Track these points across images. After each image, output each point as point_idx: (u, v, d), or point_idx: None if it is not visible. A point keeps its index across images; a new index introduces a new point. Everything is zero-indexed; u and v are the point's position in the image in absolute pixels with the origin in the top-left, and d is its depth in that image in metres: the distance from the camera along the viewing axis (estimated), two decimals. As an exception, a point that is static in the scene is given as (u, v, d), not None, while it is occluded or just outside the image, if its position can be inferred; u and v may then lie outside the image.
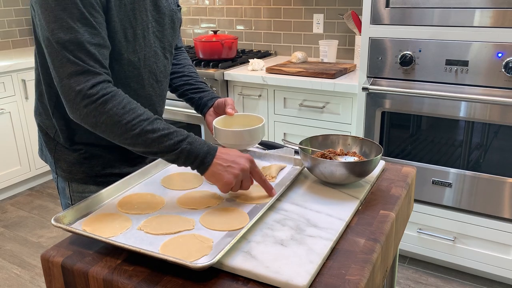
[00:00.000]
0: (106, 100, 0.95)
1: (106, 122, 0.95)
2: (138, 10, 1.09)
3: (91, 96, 0.94)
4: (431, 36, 1.91)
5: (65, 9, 0.94)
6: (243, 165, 0.98)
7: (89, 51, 0.96)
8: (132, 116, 0.95)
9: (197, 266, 0.75)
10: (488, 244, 2.07)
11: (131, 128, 0.95)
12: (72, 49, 0.94)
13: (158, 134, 0.95)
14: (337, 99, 2.28)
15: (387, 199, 1.05)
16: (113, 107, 0.95)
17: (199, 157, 0.97)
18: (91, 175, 1.18)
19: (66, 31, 0.94)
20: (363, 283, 0.76)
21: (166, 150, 0.96)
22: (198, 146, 0.97)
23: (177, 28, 1.26)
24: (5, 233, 2.78)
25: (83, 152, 1.16)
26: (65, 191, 1.21)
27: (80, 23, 0.95)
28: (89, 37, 0.97)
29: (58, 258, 0.84)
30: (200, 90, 1.33)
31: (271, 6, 3.03)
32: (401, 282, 2.19)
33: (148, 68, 1.16)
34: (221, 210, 0.97)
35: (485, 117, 1.91)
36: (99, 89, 0.95)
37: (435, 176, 2.08)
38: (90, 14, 0.97)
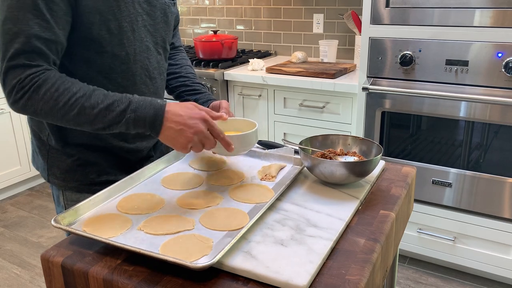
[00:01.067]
0: (38, 86, 0.92)
1: (44, 108, 0.92)
2: (123, 1, 1.04)
3: (24, 87, 0.91)
4: (431, 36, 1.91)
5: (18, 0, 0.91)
6: (196, 128, 0.93)
7: (35, 45, 0.92)
8: (67, 96, 0.92)
9: (197, 266, 0.75)
10: (488, 244, 2.07)
11: (70, 109, 0.92)
12: (18, 41, 0.91)
13: (98, 109, 0.92)
14: (337, 99, 2.28)
15: (387, 199, 1.05)
16: (46, 91, 0.91)
17: (147, 123, 0.93)
18: (85, 183, 1.14)
19: (15, 22, 0.91)
20: (363, 283, 0.76)
21: (111, 123, 0.93)
22: (144, 111, 0.93)
23: (170, 22, 1.21)
24: (5, 233, 2.78)
25: (77, 158, 1.13)
26: (59, 199, 1.18)
27: (31, 15, 0.91)
28: (39, 30, 0.92)
29: (58, 258, 0.84)
30: (196, 92, 1.30)
31: (271, 6, 3.03)
32: (401, 282, 2.19)
33: (139, 63, 1.12)
34: (221, 210, 0.97)
35: (485, 117, 1.91)
36: (31, 77, 0.92)
37: (435, 176, 2.08)
38: (46, 7, 0.92)
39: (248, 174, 1.15)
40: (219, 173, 1.16)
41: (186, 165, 1.22)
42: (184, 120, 0.93)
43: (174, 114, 0.94)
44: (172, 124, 0.93)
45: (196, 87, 1.31)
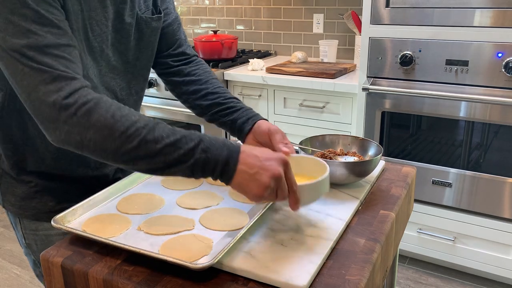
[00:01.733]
0: (89, 109, 0.75)
1: (95, 138, 0.75)
2: (95, 19, 0.91)
3: (69, 107, 0.74)
4: (431, 36, 1.91)
5: (13, 12, 0.75)
6: (273, 170, 0.76)
7: (55, 54, 0.77)
8: (126, 125, 0.75)
9: (197, 266, 0.75)
10: (488, 244, 2.07)
11: (127, 140, 0.74)
12: (32, 55, 0.75)
13: (163, 144, 0.75)
14: (337, 99, 2.28)
15: (387, 199, 1.05)
16: (100, 117, 0.74)
17: (219, 166, 0.76)
18: (44, 211, 1.04)
19: (21, 36, 0.75)
20: (363, 283, 0.76)
21: (175, 162, 0.75)
22: (216, 151, 0.76)
23: (149, 39, 1.06)
24: (5, 233, 2.77)
25: (34, 185, 1.01)
26: (17, 227, 1.08)
27: (37, 24, 0.77)
28: (53, 38, 0.78)
29: (58, 258, 0.84)
30: (233, 110, 1.09)
31: (271, 6, 3.03)
32: (401, 282, 2.19)
33: (105, 85, 1.00)
34: (221, 210, 0.97)
35: (485, 117, 1.91)
36: (77, 97, 0.75)
37: (435, 176, 2.08)
38: (48, 12, 0.78)
39: (248, 174, 1.15)
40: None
41: (186, 165, 1.22)
42: (260, 162, 0.77)
43: (249, 155, 0.78)
44: (245, 167, 0.77)
45: (230, 104, 1.10)
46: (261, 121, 1.05)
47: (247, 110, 1.09)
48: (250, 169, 0.77)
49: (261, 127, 1.03)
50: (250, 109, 1.10)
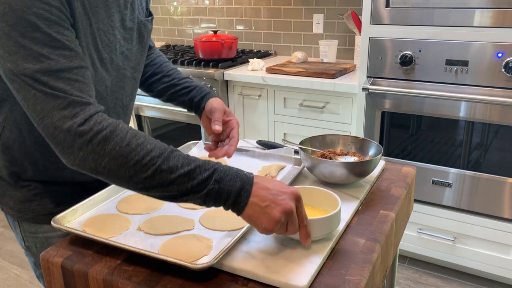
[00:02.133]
0: (105, 137, 0.74)
1: (109, 166, 0.74)
2: (103, 30, 0.91)
3: (84, 135, 0.74)
4: (431, 36, 1.91)
5: (24, 35, 0.74)
6: (285, 205, 0.76)
7: (69, 78, 0.77)
8: (141, 154, 0.74)
9: (197, 266, 0.75)
10: (488, 244, 2.07)
11: (141, 170, 0.74)
12: (45, 80, 0.75)
13: (177, 174, 0.74)
14: (337, 99, 2.28)
15: (387, 199, 1.05)
16: (115, 145, 0.74)
17: (231, 198, 0.76)
18: (43, 213, 1.03)
19: (33, 60, 0.74)
20: (363, 283, 0.76)
21: (188, 192, 0.75)
22: (229, 183, 0.76)
23: (146, 43, 1.08)
24: (5, 233, 2.77)
25: (33, 188, 1.01)
26: (16, 230, 1.07)
27: (49, 47, 0.75)
28: (66, 61, 0.77)
29: (58, 258, 0.84)
30: (188, 89, 1.16)
31: (271, 6, 3.03)
32: (401, 282, 2.19)
33: (114, 95, 1.01)
34: (221, 210, 0.97)
35: (485, 117, 1.91)
36: (92, 124, 0.75)
37: (435, 176, 2.08)
38: (59, 34, 0.77)
39: (248, 174, 1.15)
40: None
41: (186, 165, 1.22)
42: (272, 196, 0.76)
43: (262, 187, 0.77)
44: (257, 200, 0.76)
45: (185, 85, 1.17)
46: (211, 100, 1.13)
47: (201, 88, 1.16)
48: (262, 202, 0.76)
49: (208, 104, 1.11)
50: (203, 87, 1.16)
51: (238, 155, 1.27)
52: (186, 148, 1.30)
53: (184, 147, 1.30)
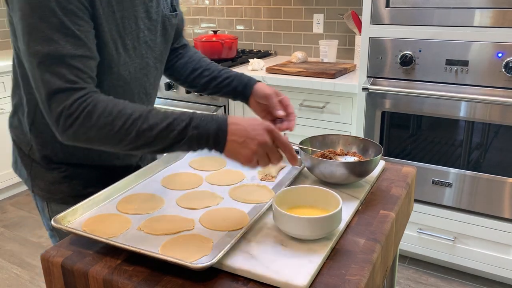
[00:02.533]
0: (89, 112, 0.84)
1: (98, 135, 0.85)
2: (127, 18, 0.99)
3: (72, 114, 0.84)
4: (431, 36, 1.91)
5: (41, 18, 0.83)
6: (259, 138, 0.85)
7: (71, 65, 0.85)
8: (123, 119, 0.84)
9: (197, 266, 0.75)
10: (488, 244, 2.07)
11: (126, 133, 0.84)
12: (50, 64, 0.84)
13: (158, 130, 0.84)
14: (337, 99, 2.28)
15: (387, 199, 1.05)
16: (99, 117, 0.84)
17: (211, 139, 0.85)
18: (71, 195, 1.09)
19: (44, 43, 0.83)
20: (363, 283, 0.76)
21: (172, 142, 0.85)
22: (205, 126, 0.84)
23: (169, 35, 1.16)
24: (5, 233, 2.78)
25: (63, 170, 1.08)
26: (44, 211, 1.13)
27: (60, 34, 0.84)
28: (72, 48, 0.85)
29: (58, 258, 0.84)
30: (229, 81, 1.20)
31: (271, 6, 3.03)
32: (401, 282, 2.19)
33: (138, 81, 1.08)
34: (221, 210, 0.97)
35: (485, 117, 1.91)
36: (78, 103, 0.84)
37: (435, 176, 2.08)
38: (72, 23, 0.85)
39: (248, 174, 1.15)
40: (219, 173, 1.16)
41: (186, 165, 1.22)
42: (246, 132, 0.85)
43: (237, 126, 0.86)
44: (235, 137, 0.85)
45: (225, 75, 1.21)
46: (257, 85, 1.17)
47: (240, 77, 1.20)
48: (239, 139, 0.85)
49: (258, 92, 1.15)
50: (241, 76, 1.21)
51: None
52: (186, 148, 1.30)
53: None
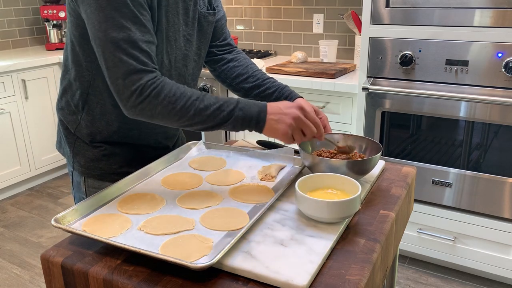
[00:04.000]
0: (157, 92, 0.99)
1: (162, 112, 1.00)
2: (170, 12, 1.11)
3: (144, 92, 0.98)
4: (431, 36, 1.91)
5: (116, 9, 0.97)
6: (293, 114, 1.02)
7: (141, 48, 0.99)
8: (184, 100, 0.99)
9: (197, 266, 0.75)
10: (488, 244, 2.07)
11: (186, 111, 1.00)
12: (125, 47, 0.97)
13: (211, 110, 1.00)
14: (337, 99, 2.28)
15: (387, 199, 1.05)
16: (165, 97, 0.99)
17: (253, 119, 1.02)
18: (108, 172, 1.20)
19: (119, 30, 0.97)
20: (363, 283, 0.76)
21: (221, 122, 1.01)
22: (249, 109, 1.02)
23: (206, 31, 1.25)
24: (5, 233, 2.78)
25: (103, 149, 1.19)
26: (80, 185, 1.24)
27: (131, 22, 0.98)
28: (140, 35, 1.00)
29: (58, 258, 0.84)
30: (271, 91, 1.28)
31: (271, 6, 3.03)
32: (401, 282, 2.19)
33: (178, 70, 1.19)
34: (221, 210, 0.97)
35: (485, 117, 1.91)
36: (150, 83, 0.99)
37: (435, 176, 2.08)
38: (140, 13, 1.00)
39: (248, 174, 1.15)
40: (219, 173, 1.16)
41: (186, 165, 1.22)
42: (281, 110, 1.02)
43: (273, 107, 1.03)
44: (272, 116, 1.02)
45: (268, 85, 1.29)
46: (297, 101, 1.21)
47: (284, 89, 1.28)
48: (275, 116, 1.02)
49: None
50: (285, 88, 1.28)
51: (238, 155, 1.27)
52: (186, 148, 1.30)
53: (184, 147, 1.30)
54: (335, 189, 0.99)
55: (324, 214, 0.88)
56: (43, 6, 3.57)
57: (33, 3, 3.79)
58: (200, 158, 1.26)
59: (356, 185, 0.94)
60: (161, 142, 1.28)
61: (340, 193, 0.97)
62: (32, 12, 3.80)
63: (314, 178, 0.99)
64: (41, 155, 3.32)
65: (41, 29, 3.87)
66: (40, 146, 3.31)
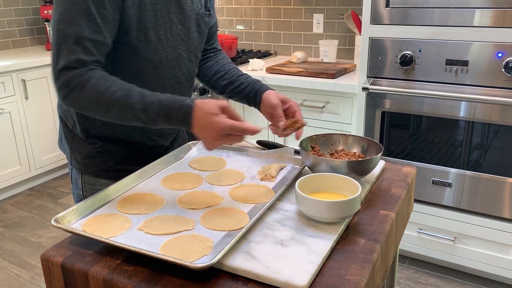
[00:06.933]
0: (82, 85, 0.99)
1: (87, 105, 1.01)
2: (160, 11, 1.11)
3: (70, 84, 1.00)
4: (431, 36, 1.91)
5: (74, 3, 0.98)
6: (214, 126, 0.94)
7: (85, 46, 1.00)
8: (107, 95, 0.99)
9: (197, 266, 0.75)
10: (488, 244, 2.07)
11: (110, 107, 0.99)
12: (69, 42, 0.99)
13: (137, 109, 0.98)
14: (337, 99, 2.28)
15: (387, 199, 1.05)
16: (89, 90, 0.99)
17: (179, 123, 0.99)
18: (103, 169, 1.22)
19: (69, 24, 0.98)
20: (363, 283, 0.76)
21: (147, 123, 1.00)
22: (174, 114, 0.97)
23: (203, 32, 1.26)
24: (5, 233, 2.78)
25: (98, 146, 1.21)
26: (77, 181, 1.26)
27: (84, 19, 0.99)
28: (89, 32, 1.00)
29: (58, 258, 0.84)
30: (243, 87, 1.28)
31: (271, 6, 3.03)
32: (401, 282, 2.19)
33: (170, 69, 1.18)
34: (221, 210, 0.97)
35: (485, 117, 1.91)
36: (76, 77, 1.00)
37: (435, 176, 2.08)
38: (97, 11, 1.00)
39: (248, 174, 1.15)
40: (219, 173, 1.16)
41: (186, 165, 1.22)
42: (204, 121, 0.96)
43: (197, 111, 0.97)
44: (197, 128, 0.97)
45: (241, 81, 1.29)
46: (265, 94, 1.22)
47: (254, 84, 1.26)
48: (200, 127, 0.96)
49: (265, 100, 1.21)
50: (256, 82, 1.27)
51: (238, 155, 1.27)
52: (186, 148, 1.30)
53: (184, 147, 1.30)
54: (335, 189, 0.98)
55: (324, 214, 0.88)
56: (43, 6, 3.58)
57: (33, 3, 3.79)
58: (200, 158, 1.26)
59: (356, 185, 0.94)
60: (155, 140, 1.27)
61: (340, 193, 0.97)
62: (32, 12, 3.80)
63: (314, 178, 0.98)
64: (41, 155, 3.32)
65: (41, 29, 3.87)
66: (40, 146, 3.31)
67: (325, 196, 0.96)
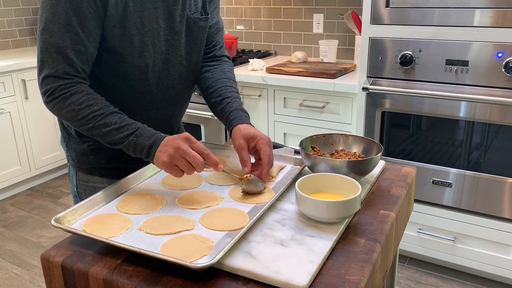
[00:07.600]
0: (65, 97, 1.05)
1: (66, 116, 1.06)
2: (147, 18, 1.11)
3: (54, 94, 1.05)
4: (431, 36, 1.91)
5: (55, 14, 1.01)
6: (174, 144, 0.99)
7: (67, 56, 1.04)
8: (87, 112, 1.05)
9: (197, 266, 0.75)
10: (488, 244, 2.07)
11: (86, 123, 1.05)
12: (51, 52, 1.03)
13: (110, 128, 1.05)
14: (337, 99, 2.28)
15: (387, 199, 1.05)
16: (71, 103, 1.05)
17: (145, 149, 1.03)
18: (96, 166, 1.24)
19: (51, 34, 1.02)
20: (363, 283, 0.76)
21: (116, 142, 1.05)
22: (144, 139, 1.04)
23: (197, 37, 1.23)
24: (5, 233, 2.78)
25: (92, 144, 1.22)
26: (73, 178, 1.29)
27: (65, 30, 1.02)
28: (71, 43, 1.03)
29: (58, 258, 0.84)
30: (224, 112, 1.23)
31: (271, 6, 3.03)
32: (401, 282, 2.19)
33: (157, 74, 1.19)
34: (221, 210, 0.97)
35: (485, 117, 1.91)
36: (61, 88, 1.05)
37: (435, 176, 2.08)
38: (78, 23, 1.03)
39: (248, 174, 1.15)
40: (219, 173, 1.16)
41: (186, 165, 1.22)
42: (168, 142, 1.01)
43: (165, 140, 1.03)
44: (160, 148, 1.02)
45: (223, 105, 1.24)
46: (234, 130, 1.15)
47: (231, 113, 1.21)
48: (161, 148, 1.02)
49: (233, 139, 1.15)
50: (233, 111, 1.21)
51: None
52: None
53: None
54: (335, 189, 0.98)
55: (324, 214, 0.88)
56: (43, 6, 3.57)
57: (33, 3, 3.79)
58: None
59: (356, 185, 0.94)
60: None
61: (340, 193, 0.98)
62: (32, 12, 3.80)
63: (314, 178, 0.98)
64: (41, 155, 3.32)
65: (41, 29, 3.87)
66: (40, 146, 3.31)
67: (325, 196, 0.96)
